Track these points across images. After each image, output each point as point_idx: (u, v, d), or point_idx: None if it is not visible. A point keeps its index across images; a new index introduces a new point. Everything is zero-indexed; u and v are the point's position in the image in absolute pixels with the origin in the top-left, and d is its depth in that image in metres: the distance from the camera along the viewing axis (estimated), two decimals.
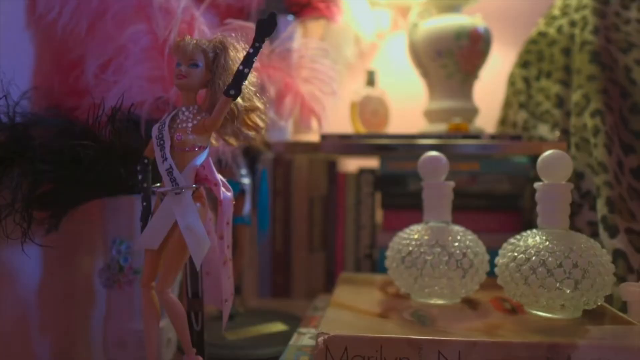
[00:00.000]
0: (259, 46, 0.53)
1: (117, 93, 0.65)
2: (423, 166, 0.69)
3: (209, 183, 0.57)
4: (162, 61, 0.69)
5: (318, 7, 0.93)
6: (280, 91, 0.81)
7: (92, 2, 0.67)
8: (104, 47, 0.67)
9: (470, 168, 0.96)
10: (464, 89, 1.03)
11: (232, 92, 0.53)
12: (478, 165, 0.95)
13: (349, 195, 1.01)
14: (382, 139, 0.92)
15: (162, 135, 0.56)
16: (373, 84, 1.04)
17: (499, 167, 0.94)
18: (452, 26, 1.00)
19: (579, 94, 0.86)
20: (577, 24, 0.95)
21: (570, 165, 0.62)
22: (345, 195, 1.01)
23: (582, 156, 0.83)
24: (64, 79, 0.70)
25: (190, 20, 0.71)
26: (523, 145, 0.87)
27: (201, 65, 0.56)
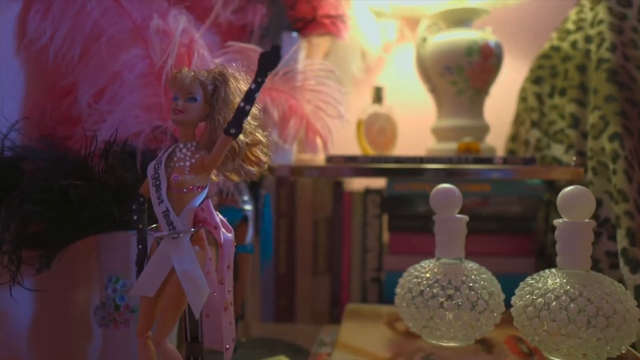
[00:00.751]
0: (261, 81, 0.49)
1: (112, 124, 0.61)
2: (435, 200, 0.66)
3: (209, 226, 0.53)
4: (159, 87, 0.65)
5: (323, 23, 0.89)
6: (284, 114, 0.78)
7: (85, 26, 0.64)
8: (97, 74, 0.64)
9: (480, 189, 0.92)
10: (474, 106, 1.00)
11: (233, 131, 0.50)
12: (489, 187, 0.92)
13: (354, 217, 0.97)
14: (388, 163, 0.88)
15: (158, 175, 0.52)
16: (380, 101, 1.00)
17: (511, 188, 0.90)
18: (463, 41, 0.96)
19: (596, 116, 0.82)
20: (593, 40, 0.91)
21: (593, 202, 0.58)
22: (351, 217, 0.98)
23: (600, 182, 0.80)
24: (56, 107, 0.67)
25: (189, 43, 0.68)
26: (538, 170, 0.83)
27: (199, 99, 0.53)
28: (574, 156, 0.84)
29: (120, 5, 0.66)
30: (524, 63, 1.15)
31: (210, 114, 0.54)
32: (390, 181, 0.91)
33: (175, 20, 0.68)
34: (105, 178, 0.59)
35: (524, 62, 1.16)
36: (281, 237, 0.99)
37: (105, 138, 0.61)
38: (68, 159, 0.61)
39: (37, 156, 0.60)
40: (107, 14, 0.65)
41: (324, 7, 0.90)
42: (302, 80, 0.75)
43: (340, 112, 0.75)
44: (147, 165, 0.59)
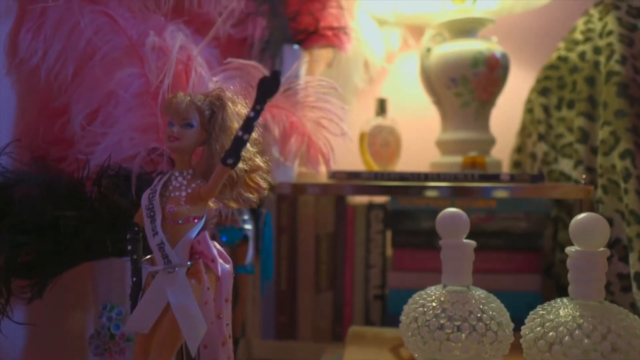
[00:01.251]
0: (260, 109, 0.47)
1: (105, 148, 0.59)
2: (441, 225, 0.63)
3: (206, 259, 0.51)
4: (155, 107, 0.63)
5: (326, 35, 0.86)
6: (285, 130, 0.75)
7: (78, 44, 0.62)
8: (91, 94, 0.62)
9: (486, 205, 0.90)
10: (479, 118, 0.97)
11: (230, 162, 0.47)
12: (494, 202, 0.89)
13: (357, 232, 0.95)
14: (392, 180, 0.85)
15: (152, 206, 0.50)
16: (384, 113, 0.98)
17: (517, 204, 0.88)
18: (468, 52, 0.94)
19: (607, 131, 0.80)
20: (602, 52, 0.88)
21: (607, 231, 0.55)
22: (353, 232, 0.95)
23: (610, 200, 0.77)
24: (48, 128, 0.64)
25: (186, 60, 0.65)
26: (547, 189, 0.81)
27: (196, 125, 0.51)
28: (584, 174, 0.81)
29: (115, 22, 0.63)
30: (529, 72, 1.13)
31: (207, 140, 0.51)
32: (394, 196, 0.89)
33: (172, 36, 0.66)
34: (99, 205, 0.56)
35: (529, 71, 1.14)
36: (282, 253, 0.97)
37: (99, 162, 0.59)
38: (61, 183, 0.59)
39: (29, 181, 0.58)
40: (101, 31, 0.62)
41: (327, 18, 0.87)
42: (303, 97, 0.73)
43: (343, 130, 0.73)
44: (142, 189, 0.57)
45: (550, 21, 1.15)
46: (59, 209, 0.54)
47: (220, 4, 0.73)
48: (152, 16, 0.67)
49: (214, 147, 0.50)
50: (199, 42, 0.78)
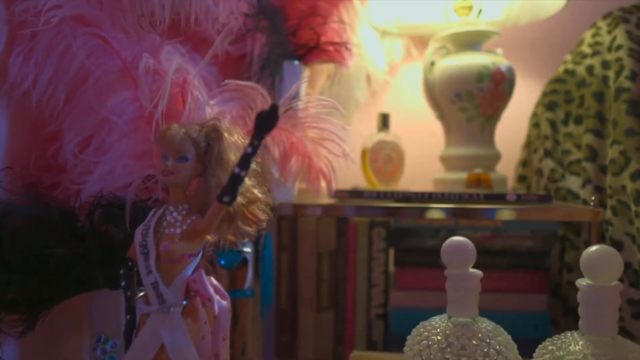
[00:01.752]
0: (257, 144, 0.45)
1: (99, 177, 0.57)
2: (446, 254, 0.61)
3: (202, 297, 0.49)
4: (149, 132, 0.61)
5: (327, 51, 0.84)
6: (285, 151, 0.73)
7: (70, 68, 0.59)
8: (84, 120, 0.59)
9: (492, 223, 0.88)
10: (484, 133, 0.95)
11: (227, 199, 0.45)
12: (500, 221, 0.87)
13: (359, 251, 0.93)
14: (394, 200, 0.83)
15: (146, 243, 0.48)
16: (387, 128, 0.95)
17: (523, 222, 0.86)
18: (473, 66, 0.91)
19: (616, 151, 0.77)
20: (611, 66, 0.86)
21: (621, 265, 0.53)
22: (355, 251, 0.93)
23: (620, 222, 0.75)
24: (40, 154, 0.62)
25: (182, 83, 0.63)
26: (555, 211, 0.78)
27: (191, 158, 0.49)
28: (593, 195, 0.79)
29: (109, 44, 0.61)
30: (535, 83, 1.11)
31: (204, 173, 0.49)
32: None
33: (168, 57, 0.64)
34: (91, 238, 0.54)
35: (535, 82, 1.12)
36: (283, 271, 0.95)
37: (91, 192, 0.57)
38: (52, 214, 0.57)
39: (19, 213, 0.56)
40: (94, 54, 0.60)
41: (328, 33, 0.85)
42: (303, 117, 0.71)
43: (344, 150, 0.71)
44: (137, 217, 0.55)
45: (556, 32, 1.13)
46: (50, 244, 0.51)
47: (218, 22, 0.70)
48: (147, 36, 0.65)
49: (210, 181, 0.48)
50: (196, 59, 0.76)
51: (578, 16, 1.06)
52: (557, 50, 1.09)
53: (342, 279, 0.94)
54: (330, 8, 0.86)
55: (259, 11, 0.79)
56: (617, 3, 0.97)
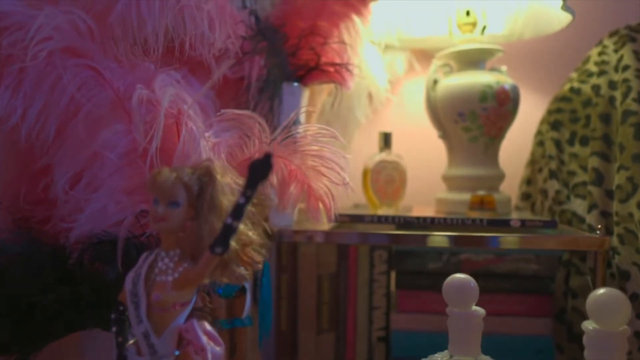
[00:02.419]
0: (251, 195, 0.43)
1: (90, 215, 0.56)
2: (448, 292, 0.59)
3: (195, 347, 0.47)
4: (143, 165, 0.59)
5: (327, 71, 0.82)
6: (284, 179, 0.71)
7: (61, 101, 0.58)
8: (74, 156, 0.58)
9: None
10: (488, 153, 0.93)
11: (219, 251, 0.44)
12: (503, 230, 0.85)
13: (360, 273, 0.91)
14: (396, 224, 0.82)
15: (136, 292, 0.46)
16: (388, 147, 0.93)
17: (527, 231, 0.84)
18: (476, 86, 0.89)
19: (623, 177, 0.75)
20: (618, 87, 0.84)
21: (629, 309, 0.51)
22: (356, 273, 0.91)
23: (627, 251, 0.73)
24: (31, 188, 0.61)
25: (177, 114, 0.61)
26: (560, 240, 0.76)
27: (182, 203, 0.47)
28: (600, 224, 0.77)
29: (100, 75, 0.59)
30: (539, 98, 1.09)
31: (195, 217, 0.48)
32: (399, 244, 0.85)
33: (162, 85, 0.62)
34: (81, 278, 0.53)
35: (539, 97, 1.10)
36: (283, 292, 0.93)
37: (82, 231, 0.55)
38: (43, 252, 0.55)
39: (9, 252, 0.54)
40: (85, 86, 0.58)
41: (328, 53, 0.83)
42: (302, 145, 0.69)
43: (344, 180, 0.69)
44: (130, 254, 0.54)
45: (561, 48, 1.11)
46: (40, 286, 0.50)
47: (215, 47, 0.68)
48: (141, 64, 0.63)
49: (203, 228, 0.47)
50: (192, 83, 0.74)
51: (584, 33, 1.03)
52: (562, 65, 1.07)
53: (343, 301, 0.92)
54: (330, 27, 0.84)
55: (258, 32, 0.77)
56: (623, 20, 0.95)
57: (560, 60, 1.10)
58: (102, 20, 0.61)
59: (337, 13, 0.85)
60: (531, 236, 0.76)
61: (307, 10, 0.86)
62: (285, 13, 0.87)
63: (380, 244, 0.89)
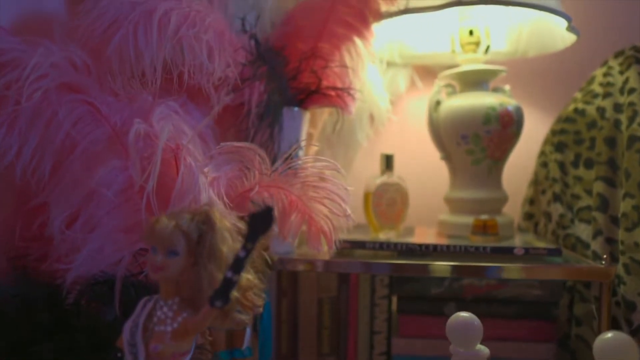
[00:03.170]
0: (251, 248, 0.42)
1: (87, 256, 0.54)
2: (452, 331, 0.58)
3: None
4: (140, 202, 0.58)
5: (328, 95, 0.81)
6: (285, 209, 0.70)
7: (56, 138, 0.57)
8: (71, 194, 0.57)
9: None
10: (491, 176, 0.92)
11: (219, 304, 0.43)
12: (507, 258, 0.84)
13: (361, 297, 0.90)
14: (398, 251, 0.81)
15: (134, 342, 0.45)
16: (390, 170, 0.92)
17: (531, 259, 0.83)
18: (480, 108, 0.88)
19: (629, 205, 0.74)
20: (624, 110, 0.83)
21: (636, 354, 0.50)
22: (357, 297, 0.90)
23: (633, 282, 0.72)
24: (26, 226, 0.59)
25: (175, 148, 0.60)
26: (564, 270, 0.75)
27: (181, 252, 0.46)
28: (605, 254, 0.76)
29: (97, 110, 0.58)
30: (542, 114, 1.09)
31: (195, 265, 0.46)
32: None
33: (160, 117, 0.61)
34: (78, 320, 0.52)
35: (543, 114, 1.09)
36: (283, 316, 0.92)
37: (79, 272, 0.54)
38: (39, 293, 0.54)
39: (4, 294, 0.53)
40: (81, 122, 0.57)
41: (329, 77, 0.82)
42: (303, 177, 0.68)
43: (346, 212, 0.68)
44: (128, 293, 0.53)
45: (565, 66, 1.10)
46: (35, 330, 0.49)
47: (214, 76, 0.67)
48: (138, 96, 0.62)
49: (202, 276, 0.46)
50: (191, 111, 0.73)
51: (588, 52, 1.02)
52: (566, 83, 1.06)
53: (343, 325, 0.91)
54: (332, 50, 0.83)
55: (258, 57, 0.76)
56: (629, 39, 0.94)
57: (564, 78, 1.08)
58: (99, 54, 0.60)
59: (339, 35, 0.84)
60: (535, 266, 0.75)
61: (308, 31, 0.85)
62: (286, 34, 0.85)
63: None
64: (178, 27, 0.63)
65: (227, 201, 0.61)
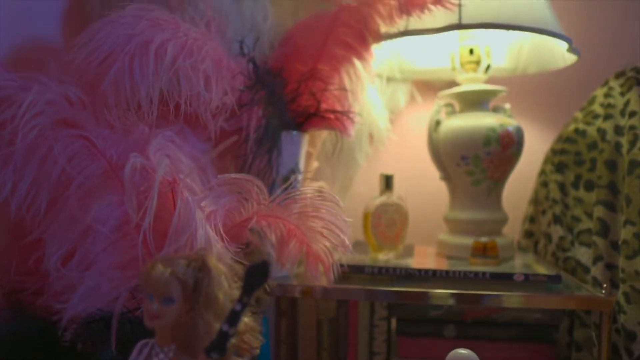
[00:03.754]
0: (247, 302, 0.41)
1: (83, 295, 0.54)
2: None
3: None
4: (136, 237, 0.57)
5: (327, 118, 0.80)
6: (283, 237, 0.70)
7: (51, 175, 0.56)
8: (66, 231, 0.56)
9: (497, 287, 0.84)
10: (491, 197, 0.91)
11: (215, 357, 0.42)
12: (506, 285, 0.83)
13: (361, 319, 0.90)
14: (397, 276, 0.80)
15: None
16: (390, 190, 0.92)
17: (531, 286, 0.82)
18: (480, 130, 0.87)
19: (630, 232, 0.74)
20: (625, 134, 0.82)
21: None
22: (357, 318, 0.90)
23: (634, 311, 0.72)
24: (23, 260, 0.59)
25: (172, 182, 0.59)
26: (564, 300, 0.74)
27: (177, 300, 0.45)
28: (605, 283, 0.75)
29: (92, 144, 0.58)
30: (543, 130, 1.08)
31: (191, 312, 0.46)
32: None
33: (157, 149, 0.60)
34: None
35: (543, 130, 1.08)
36: (282, 337, 0.92)
37: (75, 311, 0.53)
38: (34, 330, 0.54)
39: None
40: (77, 157, 0.57)
41: (328, 99, 0.81)
42: (302, 207, 0.67)
43: (344, 243, 0.67)
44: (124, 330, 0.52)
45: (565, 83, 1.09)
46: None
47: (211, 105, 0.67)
48: (134, 128, 0.62)
49: (198, 324, 0.45)
50: (188, 137, 0.73)
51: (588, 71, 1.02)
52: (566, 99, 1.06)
53: (343, 347, 0.91)
54: (331, 71, 0.82)
55: (257, 81, 0.75)
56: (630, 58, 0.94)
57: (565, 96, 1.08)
58: (95, 86, 0.59)
59: (338, 56, 0.83)
60: (535, 295, 0.74)
61: (307, 52, 0.84)
62: (285, 55, 0.85)
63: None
64: (175, 57, 0.62)
65: (224, 236, 0.60)
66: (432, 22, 0.81)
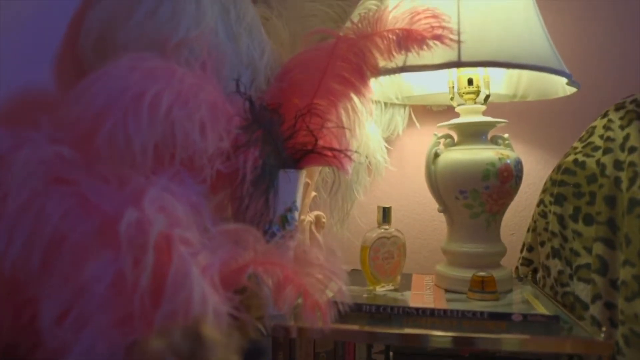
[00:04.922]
0: None
1: (78, 356, 0.53)
2: None
3: None
4: (133, 293, 0.57)
5: (324, 155, 0.79)
6: (279, 282, 0.69)
7: (45, 230, 0.55)
8: (61, 290, 0.55)
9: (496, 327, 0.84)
10: (490, 229, 0.91)
11: None
12: (504, 324, 0.83)
13: (358, 352, 0.90)
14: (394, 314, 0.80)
15: None
16: (387, 222, 0.91)
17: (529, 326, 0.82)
18: (479, 164, 0.87)
19: (629, 273, 0.73)
20: (624, 169, 0.82)
21: None
22: (354, 351, 0.90)
23: (632, 354, 0.71)
24: (17, 315, 0.58)
25: (167, 236, 0.59)
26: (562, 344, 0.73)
27: None
28: (604, 327, 0.75)
29: (87, 200, 0.57)
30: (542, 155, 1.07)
31: None
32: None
33: (152, 200, 0.59)
34: None
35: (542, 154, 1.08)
36: None
37: None
38: None
39: None
40: (71, 214, 0.56)
41: (326, 136, 0.81)
42: (299, 254, 0.67)
43: (341, 288, 0.67)
44: None
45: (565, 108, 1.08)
46: None
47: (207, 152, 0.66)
48: (130, 179, 0.61)
49: None
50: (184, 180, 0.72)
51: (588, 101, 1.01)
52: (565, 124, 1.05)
53: None
54: (329, 107, 0.82)
55: (254, 121, 0.75)
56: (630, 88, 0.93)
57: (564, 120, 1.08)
58: (88, 141, 0.58)
59: (335, 92, 0.82)
60: (532, 338, 0.74)
61: (304, 87, 0.83)
62: (282, 90, 0.84)
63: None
64: (169, 107, 0.61)
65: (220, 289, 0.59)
66: (431, 58, 0.81)
